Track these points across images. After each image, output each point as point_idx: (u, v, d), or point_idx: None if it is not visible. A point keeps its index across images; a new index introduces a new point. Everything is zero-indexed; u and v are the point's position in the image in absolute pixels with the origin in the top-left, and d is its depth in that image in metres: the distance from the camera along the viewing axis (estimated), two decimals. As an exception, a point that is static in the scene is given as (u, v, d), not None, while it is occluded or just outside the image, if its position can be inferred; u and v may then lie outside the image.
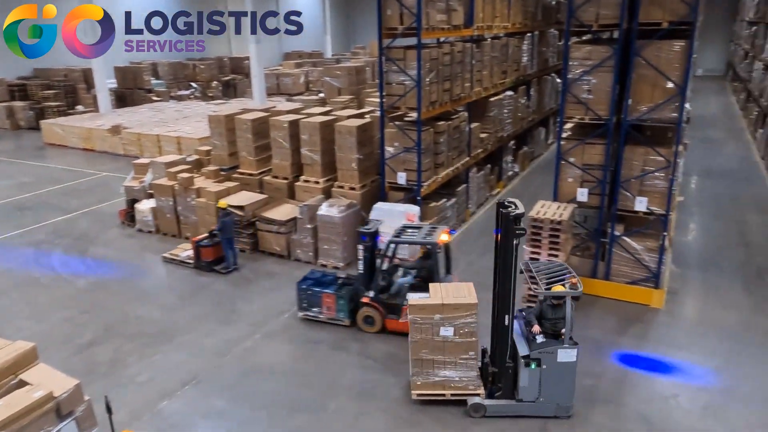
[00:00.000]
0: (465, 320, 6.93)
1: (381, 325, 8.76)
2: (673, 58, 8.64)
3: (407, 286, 8.76)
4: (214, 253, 11.01)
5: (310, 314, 9.14)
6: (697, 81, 38.03)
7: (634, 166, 9.23)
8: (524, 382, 6.83)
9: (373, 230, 8.82)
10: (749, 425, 6.85)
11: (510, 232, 6.54)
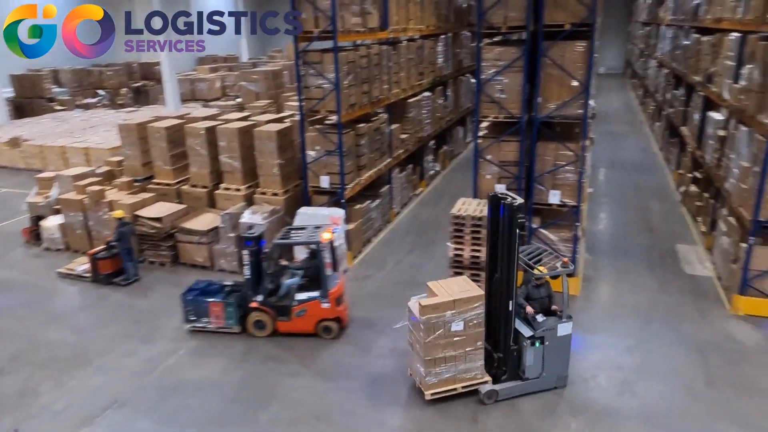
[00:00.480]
0: (474, 312, 7.05)
1: (272, 329, 8.81)
2: (576, 58, 9.14)
3: (295, 287, 8.82)
4: (113, 265, 10.61)
5: (199, 325, 8.93)
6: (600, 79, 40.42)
7: (547, 161, 9.69)
8: (530, 361, 7.22)
9: (257, 235, 8.76)
10: (660, 397, 7.35)
11: (513, 222, 6.87)
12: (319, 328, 8.79)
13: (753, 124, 9.30)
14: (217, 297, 8.88)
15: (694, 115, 14.38)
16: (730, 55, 11.26)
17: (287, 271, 9.22)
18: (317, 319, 8.75)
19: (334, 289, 8.78)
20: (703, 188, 13.09)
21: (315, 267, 8.79)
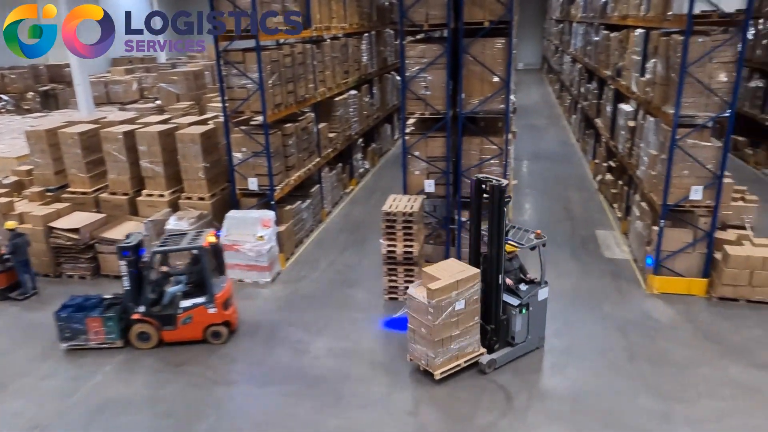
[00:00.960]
0: (473, 290, 7.50)
1: (158, 339, 8.53)
2: (496, 54, 9.43)
3: (180, 294, 8.59)
4: (7, 280, 10.06)
5: (77, 343, 8.49)
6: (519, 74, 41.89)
7: (472, 156, 9.95)
8: (518, 327, 7.91)
9: (134, 243, 8.40)
10: (588, 376, 7.74)
11: (501, 201, 7.55)
12: (208, 334, 8.58)
13: (659, 115, 9.94)
14: (95, 312, 8.44)
15: (607, 108, 15.20)
16: (636, 50, 11.98)
17: (170, 279, 8.91)
18: (205, 325, 8.52)
19: (220, 294, 8.59)
20: (617, 176, 13.87)
21: (198, 272, 8.56)
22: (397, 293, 9.77)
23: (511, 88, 10.24)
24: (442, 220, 10.49)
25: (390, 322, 9.09)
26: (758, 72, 17.16)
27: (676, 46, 9.14)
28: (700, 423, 6.78)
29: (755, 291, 9.23)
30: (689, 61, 8.70)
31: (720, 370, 7.75)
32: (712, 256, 9.53)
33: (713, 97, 8.88)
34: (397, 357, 8.26)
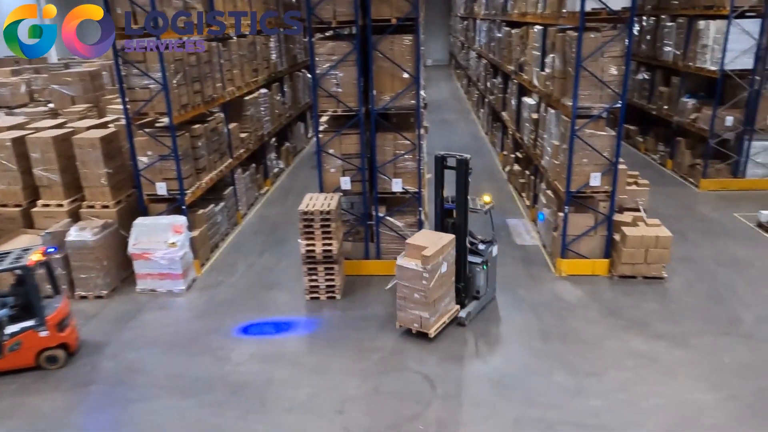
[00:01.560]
0: (451, 253, 8.50)
1: None
2: (405, 51, 9.57)
3: (6, 319, 7.83)
4: None
5: None
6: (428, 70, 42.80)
7: (387, 151, 10.05)
8: (481, 282, 9.07)
9: None
10: (507, 359, 8.06)
11: (465, 173, 8.68)
12: (42, 360, 7.92)
13: (559, 107, 10.51)
14: None
15: (512, 101, 15.87)
16: (535, 46, 12.59)
17: None
18: (37, 350, 7.87)
19: (53, 314, 7.97)
20: (524, 166, 14.53)
21: (25, 294, 7.89)
22: (318, 292, 9.71)
23: (421, 84, 10.45)
24: (360, 217, 10.53)
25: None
26: (644, 65, 18.55)
27: (571, 42, 9.69)
28: (609, 393, 7.26)
29: (650, 268, 10.00)
30: (583, 56, 9.26)
31: (623, 343, 8.34)
32: (611, 238, 10.22)
33: (606, 89, 9.50)
34: (323, 357, 8.22)
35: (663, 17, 16.87)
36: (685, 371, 7.65)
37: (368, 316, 9.27)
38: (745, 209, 13.15)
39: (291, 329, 8.98)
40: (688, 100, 15.58)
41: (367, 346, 8.42)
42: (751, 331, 8.52)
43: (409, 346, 8.42)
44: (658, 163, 17.34)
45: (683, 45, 15.40)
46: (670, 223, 11.00)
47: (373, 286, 10.16)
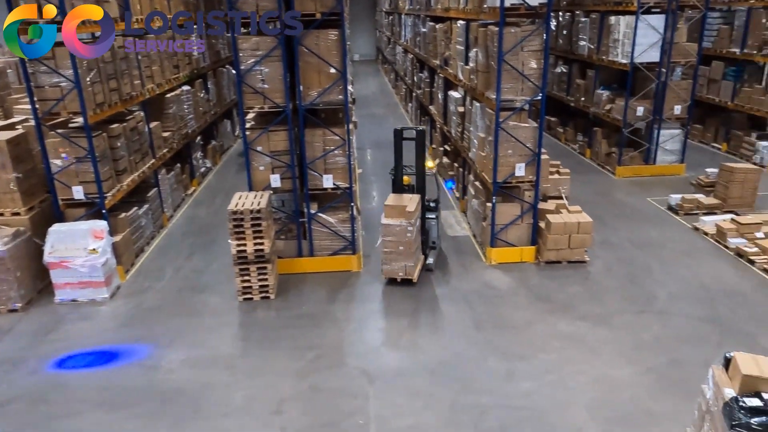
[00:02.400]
0: (419, 210, 10.04)
1: None
2: (331, 46, 9.51)
3: None
4: None
5: None
6: (356, 65, 42.80)
7: (316, 147, 9.98)
8: (435, 234, 10.69)
9: None
10: (442, 348, 8.22)
11: (423, 142, 10.17)
12: None
13: (483, 100, 10.79)
14: None
15: (439, 95, 16.14)
16: (459, 41, 12.85)
17: None
18: None
19: None
20: (453, 159, 14.83)
21: None
22: (251, 293, 9.53)
23: (349, 79, 10.43)
24: (292, 215, 10.41)
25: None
26: (562, 59, 19.36)
27: (493, 37, 9.96)
28: (539, 375, 7.56)
29: (573, 252, 10.48)
30: (504, 50, 9.54)
31: (551, 326, 8.70)
32: (537, 226, 10.63)
33: (527, 82, 9.85)
34: (258, 358, 8.09)
35: (578, 13, 17.66)
36: (607, 349, 8.08)
37: (303, 313, 9.20)
38: (656, 194, 14.04)
39: (226, 332, 8.76)
40: (602, 91, 16.41)
41: (303, 344, 8.36)
42: (665, 308, 9.12)
43: (349, 341, 8.43)
44: (577, 152, 18.17)
45: (597, 39, 16.19)
46: (590, 209, 11.56)
47: (308, 284, 10.09)
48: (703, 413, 5.35)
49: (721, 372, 5.22)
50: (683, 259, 10.73)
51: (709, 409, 5.20)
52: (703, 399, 5.35)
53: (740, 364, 4.95)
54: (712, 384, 5.23)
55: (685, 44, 14.77)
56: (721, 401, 4.93)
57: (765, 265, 10.17)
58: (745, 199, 12.80)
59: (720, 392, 5.01)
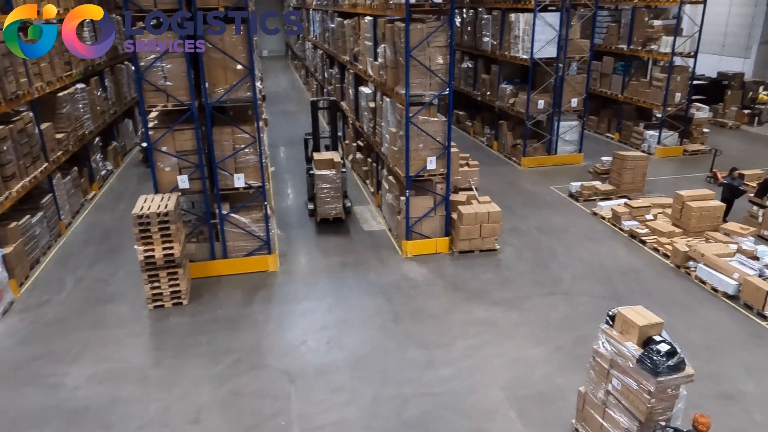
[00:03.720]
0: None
1: None
2: (236, 42, 9.24)
3: None
4: None
5: None
6: (265, 61, 42.02)
7: (225, 146, 9.69)
8: (346, 186, 12.43)
9: None
10: (362, 342, 8.28)
11: (335, 112, 13.08)
12: None
13: (393, 95, 10.92)
14: None
15: (350, 91, 16.15)
16: (367, 36, 12.92)
17: None
18: None
19: None
20: (366, 154, 14.91)
21: None
22: (162, 300, 9.12)
23: (257, 75, 10.19)
24: (203, 216, 10.06)
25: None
26: (468, 54, 19.98)
27: (400, 33, 10.10)
28: (457, 361, 7.80)
29: (485, 241, 10.88)
30: (411, 45, 9.71)
31: (467, 313, 9.00)
32: (450, 217, 10.93)
33: (435, 77, 10.08)
34: (172, 367, 7.76)
35: (480, 10, 18.28)
36: (519, 331, 8.48)
37: (220, 317, 8.94)
38: (559, 182, 14.86)
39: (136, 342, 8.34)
40: (506, 86, 17.11)
41: (221, 349, 8.12)
42: (569, 289, 9.69)
43: (268, 341, 8.29)
44: (485, 144, 18.85)
45: (499, 36, 16.85)
46: (499, 198, 12.05)
47: (224, 287, 9.81)
48: (605, 371, 5.81)
49: (610, 330, 5.71)
50: (584, 242, 11.45)
51: (614, 364, 5.69)
52: (602, 358, 5.79)
53: (630, 317, 5.60)
54: (608, 343, 5.73)
55: (579, 41, 15.70)
56: (628, 356, 5.48)
57: (654, 244, 11.05)
58: (636, 184, 13.85)
59: (621, 347, 5.57)
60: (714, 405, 6.85)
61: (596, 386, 5.99)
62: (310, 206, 12.61)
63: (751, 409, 6.83)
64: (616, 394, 5.74)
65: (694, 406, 6.55)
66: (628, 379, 5.55)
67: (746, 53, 26.37)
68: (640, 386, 5.42)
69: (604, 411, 5.91)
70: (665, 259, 10.63)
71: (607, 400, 5.87)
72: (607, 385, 5.83)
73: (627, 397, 5.60)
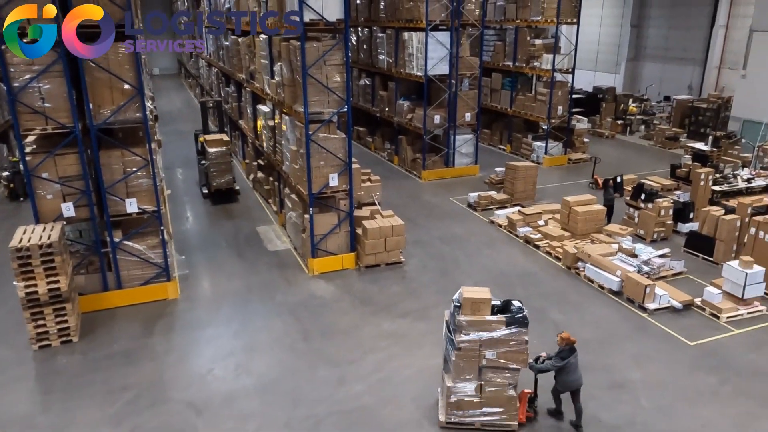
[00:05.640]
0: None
1: None
2: (123, 60, 8.80)
3: None
4: None
5: None
6: (156, 80, 40.34)
7: (115, 170, 9.15)
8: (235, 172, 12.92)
9: None
10: (271, 366, 8.07)
11: (222, 110, 15.68)
12: None
13: (292, 113, 10.88)
14: None
15: (248, 109, 15.88)
16: (263, 54, 12.80)
17: None
18: None
19: None
20: (267, 173, 14.69)
21: None
22: (49, 338, 8.40)
23: (147, 95, 9.75)
24: (93, 245, 9.41)
25: None
26: (365, 72, 20.34)
27: (296, 51, 10.11)
28: (369, 375, 7.83)
29: (390, 255, 11.05)
30: (308, 64, 9.74)
31: (376, 326, 9.07)
32: (354, 233, 11.00)
33: (333, 95, 10.16)
34: (63, 411, 7.14)
35: (375, 29, 18.72)
36: (428, 340, 8.65)
37: (115, 352, 8.37)
38: (458, 193, 15.44)
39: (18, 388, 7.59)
40: (403, 102, 17.60)
41: (117, 386, 7.60)
42: (473, 296, 10.06)
43: (170, 373, 7.86)
44: (386, 159, 19.22)
45: (394, 54, 17.33)
46: (402, 212, 12.31)
47: (119, 319, 9.21)
48: (475, 353, 6.47)
49: (465, 315, 6.48)
50: (484, 249, 11.95)
51: (483, 343, 6.43)
52: (469, 346, 6.46)
53: (477, 297, 6.44)
54: (469, 330, 6.43)
55: (469, 58, 16.51)
56: (496, 325, 6.39)
57: (547, 248, 11.77)
58: (528, 192, 14.71)
59: (484, 323, 6.43)
60: (607, 395, 7.37)
61: (467, 370, 6.54)
62: (204, 190, 15.10)
63: (639, 395, 7.42)
64: (492, 364, 6.50)
65: (589, 396, 7.03)
66: (505, 345, 6.40)
67: (616, 69, 29.03)
68: (514, 343, 6.39)
69: (481, 386, 6.62)
70: (557, 262, 11.34)
71: (482, 374, 6.57)
72: (480, 363, 6.48)
73: (505, 358, 6.46)
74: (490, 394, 6.63)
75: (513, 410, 6.67)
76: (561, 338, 6.61)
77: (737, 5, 23.02)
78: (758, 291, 9.40)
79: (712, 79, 24.23)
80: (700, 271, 10.88)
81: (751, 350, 8.42)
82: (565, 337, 6.58)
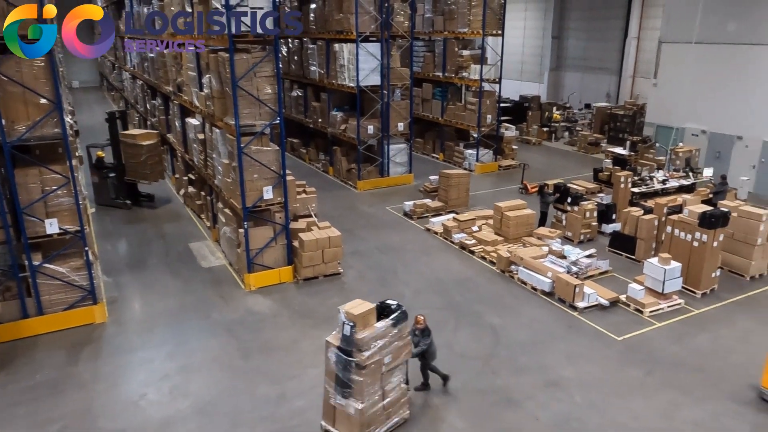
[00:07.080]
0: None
1: None
2: (37, 73, 8.35)
3: None
4: None
5: None
6: (77, 93, 38.50)
7: (33, 189, 8.63)
8: None
9: None
10: (208, 387, 7.82)
11: (126, 120, 14.27)
12: None
13: (223, 126, 10.65)
14: None
15: (176, 122, 15.41)
16: (191, 66, 12.48)
17: None
18: None
19: None
20: (199, 188, 14.29)
21: None
22: None
23: (66, 109, 9.28)
24: (9, 270, 8.81)
25: None
26: (297, 83, 20.23)
27: (224, 63, 9.92)
28: (310, 390, 7.70)
29: (328, 266, 10.99)
30: (237, 75, 9.58)
31: (316, 340, 8.94)
32: (291, 245, 10.87)
33: (264, 107, 10.03)
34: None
35: (305, 40, 18.66)
36: (368, 351, 8.64)
37: (39, 383, 7.86)
38: (393, 202, 15.58)
39: (-75, 429, 6.99)
40: (336, 113, 17.61)
41: (42, 419, 7.13)
42: (411, 304, 10.05)
43: (100, 402, 7.45)
44: (321, 170, 19.15)
45: (325, 65, 17.33)
46: (338, 222, 12.28)
47: (40, 348, 8.67)
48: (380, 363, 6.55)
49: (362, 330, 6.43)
50: (421, 257, 12.11)
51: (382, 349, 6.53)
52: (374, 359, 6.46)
53: (361, 312, 6.40)
54: (373, 344, 6.46)
55: (400, 69, 16.75)
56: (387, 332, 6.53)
57: (482, 253, 12.06)
58: (461, 199, 15.04)
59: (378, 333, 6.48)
60: (543, 394, 7.62)
61: (372, 384, 6.56)
62: (127, 200, 15.13)
63: (573, 392, 7.71)
64: (389, 367, 6.68)
65: (526, 396, 7.24)
66: (395, 344, 6.64)
67: (540, 78, 30.30)
68: (402, 339, 6.74)
69: (383, 390, 6.72)
70: (492, 266, 11.64)
71: (383, 381, 6.69)
72: (382, 369, 6.59)
73: (398, 355, 6.75)
74: (392, 396, 6.82)
75: (406, 401, 7.05)
76: (421, 321, 7.41)
77: (647, 18, 24.60)
78: (676, 285, 10.01)
79: (627, 87, 25.73)
80: (624, 269, 11.47)
81: (673, 342, 8.95)
82: (421, 321, 7.41)
